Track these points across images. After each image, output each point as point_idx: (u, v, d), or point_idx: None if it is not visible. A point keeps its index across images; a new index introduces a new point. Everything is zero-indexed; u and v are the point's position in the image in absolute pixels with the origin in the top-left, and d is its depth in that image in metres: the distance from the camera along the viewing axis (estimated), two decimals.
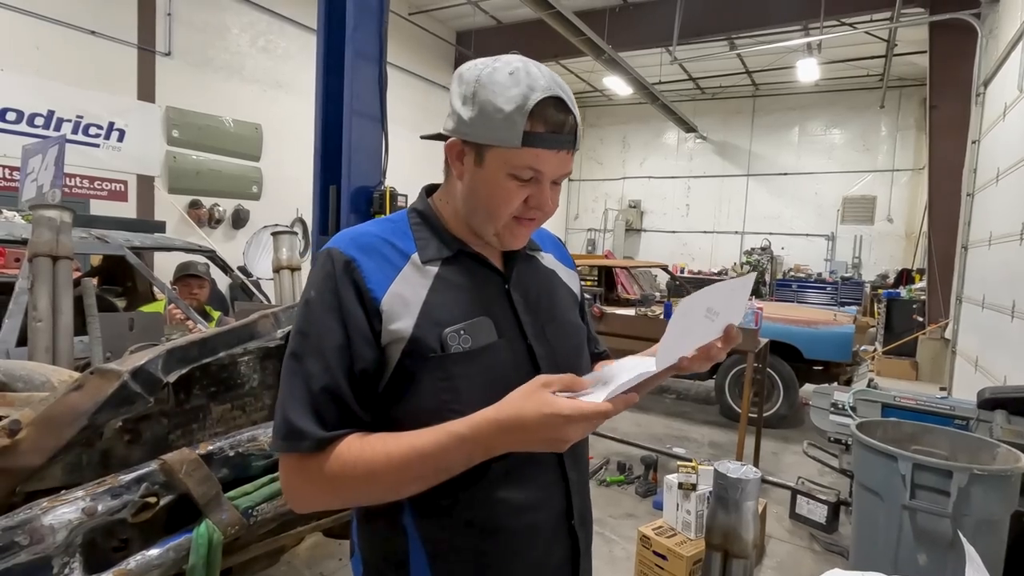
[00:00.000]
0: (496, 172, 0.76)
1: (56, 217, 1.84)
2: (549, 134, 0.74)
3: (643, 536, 2.66)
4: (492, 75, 0.75)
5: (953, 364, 6.05)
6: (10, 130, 5.62)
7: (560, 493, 0.84)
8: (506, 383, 0.70)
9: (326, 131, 3.47)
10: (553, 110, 0.74)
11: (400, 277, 0.78)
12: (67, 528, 1.10)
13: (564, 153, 0.76)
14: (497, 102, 0.73)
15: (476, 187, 0.79)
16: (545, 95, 0.73)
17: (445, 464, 0.69)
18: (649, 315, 4.85)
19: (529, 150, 0.74)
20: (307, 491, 0.74)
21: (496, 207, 0.78)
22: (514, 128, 0.73)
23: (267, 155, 8.01)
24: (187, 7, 6.94)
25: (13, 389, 1.35)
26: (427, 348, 0.75)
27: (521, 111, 0.72)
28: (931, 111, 7.41)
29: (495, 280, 0.84)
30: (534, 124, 0.73)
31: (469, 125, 0.76)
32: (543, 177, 0.77)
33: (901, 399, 3.08)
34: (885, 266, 11.56)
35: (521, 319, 0.83)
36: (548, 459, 0.83)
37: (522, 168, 0.75)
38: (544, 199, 0.78)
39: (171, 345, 1.37)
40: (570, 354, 0.89)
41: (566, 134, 0.75)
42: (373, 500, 0.76)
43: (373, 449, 0.71)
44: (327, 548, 2.77)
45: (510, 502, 0.79)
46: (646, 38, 9.02)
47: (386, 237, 0.81)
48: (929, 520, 2.08)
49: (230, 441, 1.42)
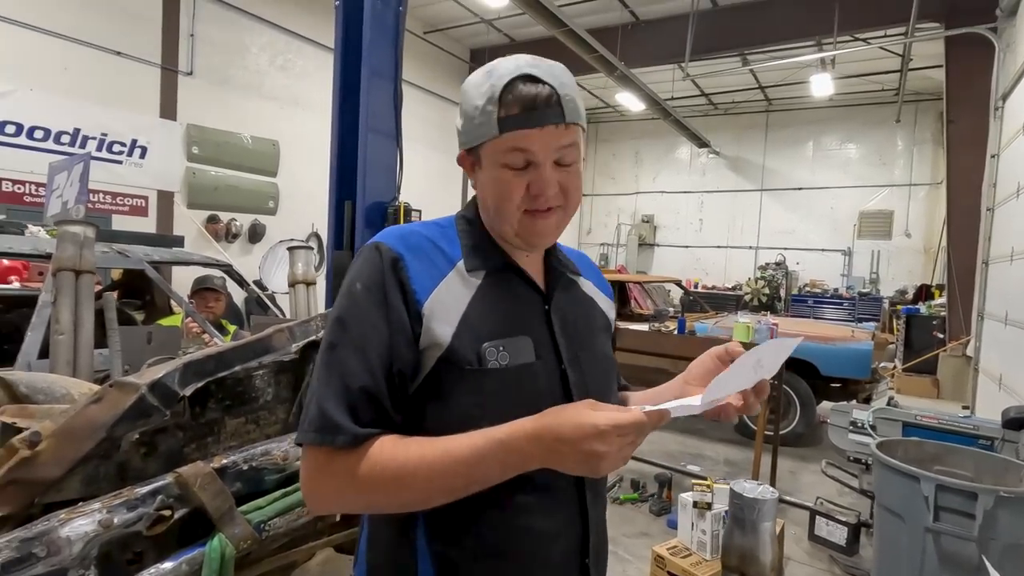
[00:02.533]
0: (491, 168, 0.75)
1: (80, 232, 1.88)
2: (524, 112, 0.71)
3: (657, 556, 2.61)
4: (469, 80, 0.76)
5: (976, 382, 5.91)
6: (38, 147, 5.79)
7: (578, 528, 0.81)
8: (536, 406, 0.68)
9: (342, 147, 3.53)
10: (521, 87, 0.72)
11: (444, 282, 0.76)
12: (83, 540, 1.11)
13: (552, 128, 0.72)
14: (473, 100, 0.74)
15: (484, 189, 0.78)
16: (510, 76, 0.72)
17: (480, 472, 0.67)
18: (663, 330, 4.82)
19: (509, 134, 0.72)
20: (331, 489, 0.71)
21: (501, 202, 0.76)
22: (489, 118, 0.72)
23: (284, 171, 8.16)
24: (209, 28, 7.14)
25: (35, 401, 1.37)
26: (463, 359, 0.73)
27: (492, 100, 0.72)
28: (948, 125, 7.34)
29: (536, 300, 0.83)
30: (507, 108, 0.72)
31: (463, 134, 0.77)
32: (536, 158, 0.73)
33: (923, 418, 3.01)
34: (904, 281, 11.38)
35: (558, 342, 0.81)
36: (568, 491, 0.80)
37: (509, 154, 0.73)
38: (544, 182, 0.74)
39: (188, 359, 1.39)
40: (601, 384, 0.87)
41: (542, 107, 0.71)
42: (399, 507, 0.73)
43: (407, 451, 0.68)
44: (338, 564, 2.76)
45: (525, 531, 0.77)
46: (658, 54, 9.08)
47: (434, 240, 0.80)
48: (954, 543, 2.02)
49: (244, 455, 1.43)
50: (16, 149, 5.67)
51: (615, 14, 8.94)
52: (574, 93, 0.75)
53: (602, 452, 0.61)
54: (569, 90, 0.74)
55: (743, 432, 5.12)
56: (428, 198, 5.66)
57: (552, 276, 0.86)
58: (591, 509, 0.82)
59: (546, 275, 0.86)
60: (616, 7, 8.79)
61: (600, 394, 0.82)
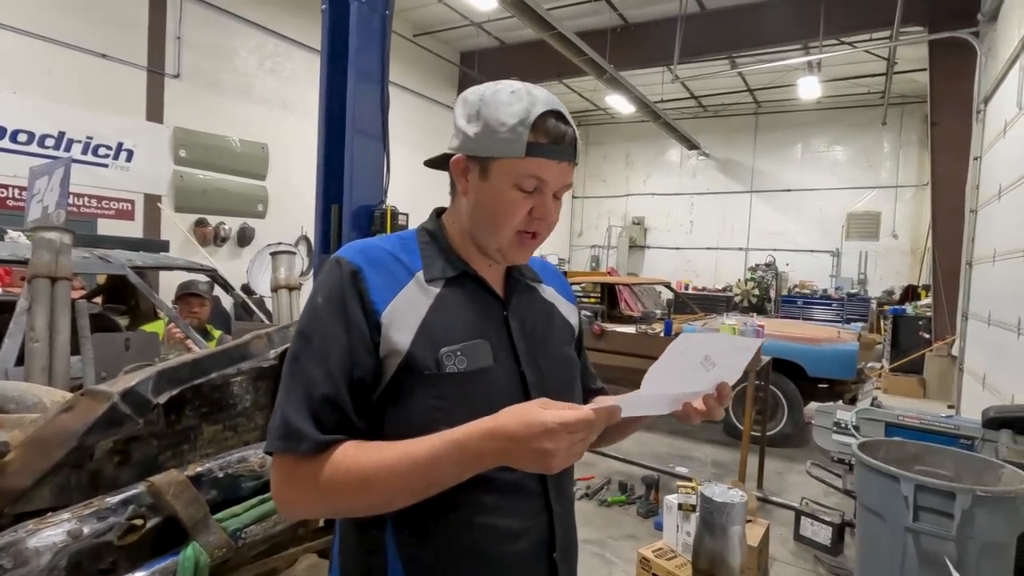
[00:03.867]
0: (501, 183, 0.79)
1: (56, 239, 1.87)
2: (551, 144, 0.78)
3: (643, 558, 2.61)
4: (495, 94, 0.80)
5: (961, 381, 5.97)
6: (22, 151, 5.73)
7: (543, 524, 0.84)
8: (495, 407, 0.70)
9: (329, 150, 3.52)
10: (554, 122, 0.78)
11: (403, 293, 0.80)
12: (52, 551, 1.09)
13: (565, 164, 0.80)
14: (501, 116, 0.78)
15: (481, 201, 0.81)
16: (547, 108, 0.78)
17: (437, 472, 0.68)
18: (649, 332, 4.84)
19: (533, 160, 0.77)
20: (298, 496, 0.74)
21: (501, 219, 0.80)
22: (519, 139, 0.77)
23: (273, 174, 8.11)
24: (196, 30, 7.10)
25: (5, 410, 1.35)
26: (422, 365, 0.76)
27: (524, 123, 0.77)
28: (932, 128, 7.43)
29: (495, 305, 0.86)
30: (537, 135, 0.77)
31: (474, 140, 0.80)
32: (546, 187, 0.80)
33: (905, 418, 3.04)
34: (891, 282, 11.50)
35: (516, 346, 0.85)
36: (533, 489, 0.83)
37: (526, 178, 0.78)
38: (548, 209, 0.81)
39: (162, 366, 1.38)
40: (561, 385, 0.90)
41: (567, 145, 0.79)
42: (363, 509, 0.75)
43: (368, 455, 0.71)
44: (323, 569, 2.74)
45: (491, 529, 0.79)
46: (647, 57, 9.13)
47: (394, 252, 0.83)
48: (933, 543, 2.04)
49: (220, 462, 1.42)
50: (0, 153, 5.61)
51: (604, 17, 8.98)
52: None
53: (551, 450, 0.63)
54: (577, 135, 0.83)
55: (731, 433, 5.14)
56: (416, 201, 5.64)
57: (511, 283, 0.90)
58: (555, 505, 0.84)
59: (506, 283, 0.90)
60: (605, 10, 8.83)
61: (559, 393, 0.84)
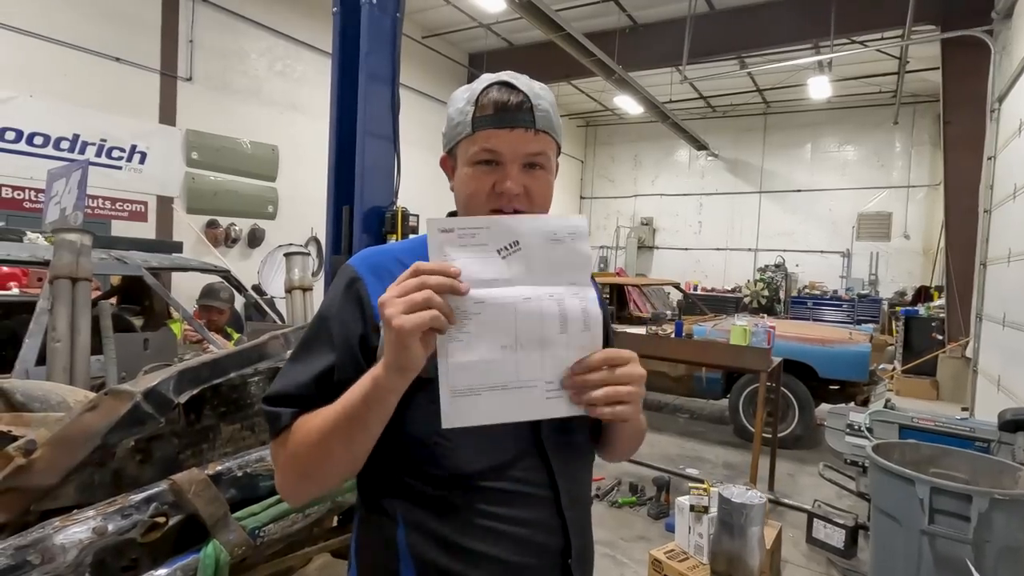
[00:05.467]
0: (463, 165, 0.80)
1: (76, 240, 1.90)
2: (496, 113, 0.77)
3: (654, 560, 2.61)
4: (456, 91, 0.83)
5: (975, 384, 5.91)
6: (37, 153, 5.81)
7: (557, 531, 0.81)
8: None
9: (340, 152, 3.54)
10: (497, 91, 0.78)
11: None
12: (78, 547, 1.11)
13: (520, 131, 0.76)
14: (456, 103, 0.80)
15: (457, 189, 0.83)
16: (490, 82, 0.78)
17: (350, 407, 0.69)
18: (660, 333, 4.82)
19: (480, 133, 0.77)
20: (287, 478, 0.78)
21: (469, 199, 0.80)
22: (465, 118, 0.78)
23: (283, 176, 8.17)
24: (208, 34, 7.17)
25: (30, 409, 1.38)
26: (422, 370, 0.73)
27: (470, 101, 0.78)
28: (945, 127, 7.35)
29: None
30: (482, 109, 0.77)
31: (445, 136, 0.83)
32: (503, 158, 0.77)
33: (919, 420, 3.01)
34: (903, 283, 11.39)
35: None
36: (543, 496, 0.80)
37: (478, 152, 0.77)
38: (507, 181, 0.76)
39: (182, 366, 1.40)
40: None
41: (514, 110, 0.76)
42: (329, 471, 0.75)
43: (317, 414, 0.74)
44: (336, 569, 2.76)
45: (500, 535, 0.77)
46: (656, 58, 9.11)
47: (400, 258, 0.82)
48: (949, 546, 2.02)
49: (239, 461, 1.44)
50: (16, 155, 5.68)
51: (613, 18, 8.96)
52: (549, 108, 0.79)
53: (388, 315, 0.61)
54: (543, 102, 0.78)
55: (742, 435, 5.12)
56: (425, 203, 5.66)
57: None
58: (567, 511, 0.82)
59: None
60: (614, 11, 8.82)
61: None
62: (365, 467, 0.81)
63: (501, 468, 0.77)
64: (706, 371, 5.16)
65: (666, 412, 6.27)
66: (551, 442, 0.81)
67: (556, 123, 0.81)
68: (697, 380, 5.29)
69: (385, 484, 0.81)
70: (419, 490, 0.78)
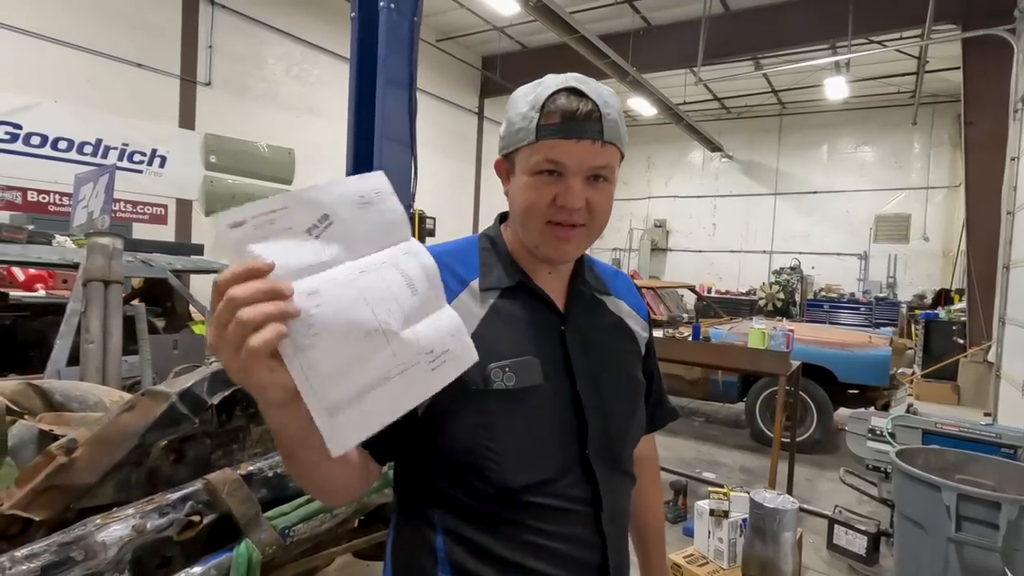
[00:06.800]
0: (522, 174, 0.75)
1: (109, 244, 1.94)
2: (563, 123, 0.71)
3: (674, 564, 2.60)
4: (518, 90, 0.77)
5: (997, 388, 5.80)
6: (62, 158, 5.94)
7: (597, 548, 0.79)
8: (545, 428, 0.68)
9: (358, 156, 3.57)
10: (565, 98, 0.72)
11: (455, 303, 0.75)
12: (118, 545, 1.14)
13: (588, 143, 0.71)
14: (518, 107, 0.75)
15: (512, 197, 0.78)
16: (557, 87, 0.72)
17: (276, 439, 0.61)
18: (677, 336, 4.80)
19: (545, 142, 0.72)
20: None
21: (527, 210, 0.75)
22: (530, 124, 0.72)
23: (299, 179, 8.23)
24: (227, 39, 7.28)
25: (69, 409, 1.42)
26: (470, 380, 0.71)
27: (534, 107, 0.72)
28: (966, 128, 7.25)
29: (552, 320, 0.81)
30: (548, 117, 0.72)
31: (503, 139, 0.78)
32: (566, 170, 0.72)
33: (943, 425, 2.97)
34: (922, 286, 11.23)
35: (573, 364, 0.79)
36: (583, 512, 0.79)
37: (541, 162, 0.72)
38: (570, 195, 0.72)
39: (215, 367, 1.43)
40: (624, 410, 0.84)
41: (582, 120, 0.71)
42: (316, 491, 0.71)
43: None
44: (356, 569, 2.78)
45: (540, 549, 0.76)
46: (670, 59, 9.09)
47: (449, 263, 0.78)
48: (977, 554, 1.99)
49: (269, 462, 1.46)
50: (41, 160, 5.82)
51: (627, 20, 8.96)
52: (617, 116, 0.74)
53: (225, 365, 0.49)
54: (612, 111, 0.73)
55: (759, 439, 5.07)
56: (441, 205, 5.70)
57: (573, 295, 0.85)
58: (607, 527, 0.80)
59: (568, 294, 0.85)
60: (628, 13, 8.82)
61: (621, 417, 0.82)
62: (404, 473, 0.81)
63: (547, 483, 0.75)
64: (722, 374, 5.13)
65: (682, 416, 6.23)
66: (597, 457, 0.79)
67: (623, 133, 0.76)
68: (713, 383, 5.25)
69: (425, 491, 0.79)
70: (462, 501, 0.75)
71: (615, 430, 0.82)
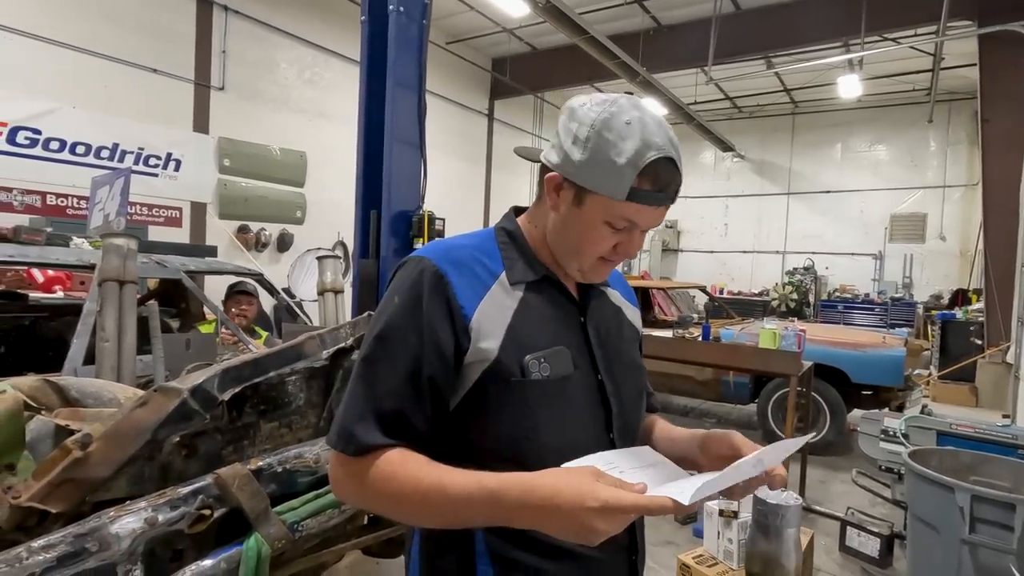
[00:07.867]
0: (594, 217, 0.77)
1: (123, 245, 1.98)
2: (655, 192, 0.75)
3: (683, 565, 2.59)
4: (608, 122, 0.74)
5: (1016, 390, 5.69)
6: (80, 162, 6.05)
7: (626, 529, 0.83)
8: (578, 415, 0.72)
9: (368, 158, 3.61)
10: (664, 170, 0.75)
11: (489, 296, 0.78)
12: (131, 537, 1.17)
13: (663, 208, 0.78)
14: (610, 153, 0.73)
15: (570, 224, 0.80)
16: (659, 155, 0.74)
17: (466, 515, 0.68)
18: (687, 337, 4.78)
19: (632, 204, 0.75)
20: (347, 488, 0.76)
21: (586, 249, 0.80)
22: (622, 182, 0.74)
23: (311, 181, 8.34)
24: (240, 44, 7.38)
25: (85, 405, 1.45)
26: (509, 372, 0.75)
27: (633, 166, 0.73)
28: (983, 125, 7.13)
29: (572, 311, 0.86)
30: (642, 181, 0.74)
31: (576, 167, 0.76)
32: (637, 228, 0.79)
33: (958, 426, 2.93)
34: (939, 286, 11.05)
35: (594, 353, 0.84)
36: None
37: (620, 219, 0.77)
38: (633, 248, 0.80)
39: (226, 365, 1.45)
40: (634, 394, 0.89)
41: (671, 193, 0.77)
42: (400, 518, 0.76)
43: (406, 472, 0.70)
44: (365, 566, 2.80)
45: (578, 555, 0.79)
46: (681, 59, 9.04)
47: (478, 256, 0.82)
48: (991, 556, 1.96)
49: (278, 457, 1.48)
50: (60, 164, 5.93)
51: (636, 20, 8.93)
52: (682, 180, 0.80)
53: (600, 529, 0.60)
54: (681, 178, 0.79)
55: (770, 440, 5.02)
56: (450, 206, 5.73)
57: (584, 287, 0.89)
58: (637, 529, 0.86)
59: (579, 286, 0.89)
60: (638, 13, 8.79)
61: (632, 404, 0.87)
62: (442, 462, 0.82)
63: None
64: (734, 375, 5.09)
65: (692, 416, 6.19)
66: (620, 440, 0.84)
67: None
68: (724, 384, 5.21)
69: None
70: None
71: (630, 413, 0.87)
